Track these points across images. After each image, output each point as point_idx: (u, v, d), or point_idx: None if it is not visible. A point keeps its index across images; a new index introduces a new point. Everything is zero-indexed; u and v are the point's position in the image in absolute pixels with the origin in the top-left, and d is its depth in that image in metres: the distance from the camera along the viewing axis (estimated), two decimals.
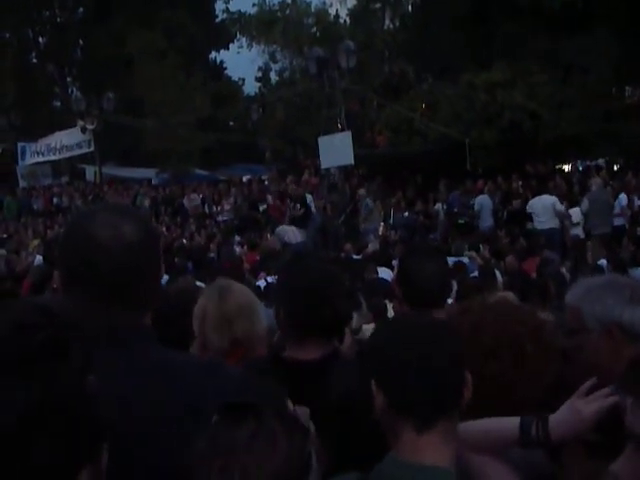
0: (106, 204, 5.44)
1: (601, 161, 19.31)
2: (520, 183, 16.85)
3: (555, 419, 1.66)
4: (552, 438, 1.66)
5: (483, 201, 15.82)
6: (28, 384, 1.03)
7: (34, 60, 38.05)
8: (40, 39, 38.33)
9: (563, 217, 13.78)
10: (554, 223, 13.63)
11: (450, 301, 5.79)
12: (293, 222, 17.52)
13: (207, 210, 22.74)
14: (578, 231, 13.35)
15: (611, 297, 2.05)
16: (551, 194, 14.57)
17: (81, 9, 37.92)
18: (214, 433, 1.22)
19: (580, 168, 19.47)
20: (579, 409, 1.62)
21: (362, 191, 17.49)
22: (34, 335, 1.06)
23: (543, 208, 13.76)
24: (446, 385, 1.60)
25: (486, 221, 15.60)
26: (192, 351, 2.53)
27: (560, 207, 13.78)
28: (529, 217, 14.33)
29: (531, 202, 14.26)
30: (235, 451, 1.20)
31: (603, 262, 9.07)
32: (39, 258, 15.14)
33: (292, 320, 2.34)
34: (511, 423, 1.72)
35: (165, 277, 9.06)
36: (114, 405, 1.43)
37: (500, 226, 15.14)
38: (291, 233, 14.75)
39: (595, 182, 14.35)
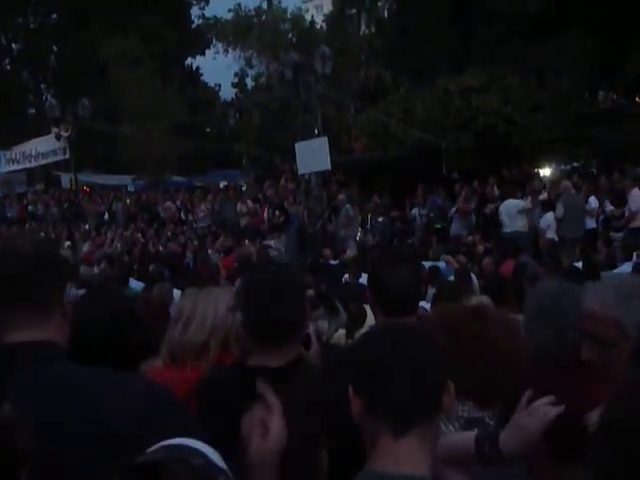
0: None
1: (576, 164, 19.51)
2: (495, 187, 16.96)
3: (504, 436, 1.66)
4: (504, 454, 1.66)
5: None
6: None
7: (7, 67, 37.66)
8: (13, 45, 37.94)
9: (528, 217, 14.00)
10: (519, 226, 13.84)
11: (427, 305, 5.81)
12: (273, 229, 17.52)
13: (183, 217, 22.63)
14: (552, 234, 13.46)
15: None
16: (526, 198, 14.72)
17: (55, 15, 37.59)
18: None
19: (555, 172, 19.63)
20: (523, 425, 1.61)
21: (342, 197, 17.45)
22: None
23: (507, 212, 14.03)
24: (424, 387, 1.59)
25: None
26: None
27: (524, 207, 13.99)
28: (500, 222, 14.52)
29: (500, 207, 14.51)
30: None
31: (578, 265, 9.13)
32: None
33: (245, 325, 2.34)
34: (470, 440, 1.72)
35: (141, 284, 9.01)
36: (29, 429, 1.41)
37: (476, 230, 15.21)
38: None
39: (564, 186, 14.43)
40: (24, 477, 1.12)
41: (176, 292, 6.81)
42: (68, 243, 19.19)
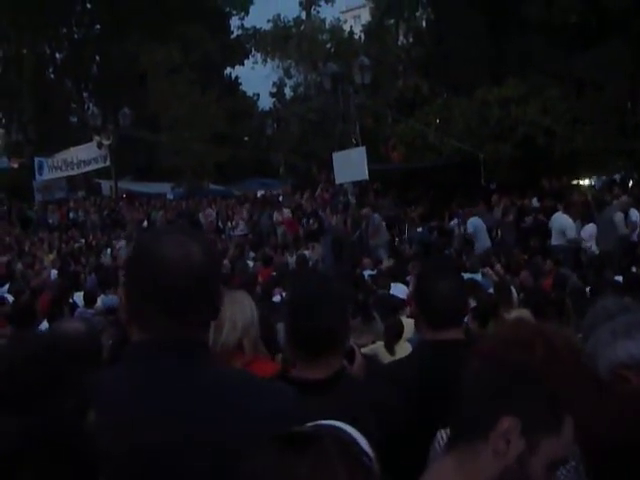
0: (171, 227, 5.56)
1: (616, 177, 19.21)
2: (536, 199, 16.77)
3: None
4: None
5: (476, 222, 15.26)
6: (22, 418, 1.01)
7: (51, 76, 38.45)
8: (57, 55, 38.76)
9: (576, 241, 13.64)
10: (564, 241, 13.54)
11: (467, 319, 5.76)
12: (308, 237, 17.51)
13: (221, 225, 22.75)
14: (593, 247, 13.26)
15: (600, 344, 2.01)
16: (568, 210, 14.39)
17: (97, 25, 38.32)
18: (273, 461, 1.14)
19: (594, 184, 19.38)
20: None
21: (366, 210, 17.11)
22: (35, 371, 1.05)
23: (561, 225, 13.69)
24: (465, 413, 1.52)
25: (483, 242, 15.14)
26: None
27: (573, 234, 13.65)
28: (546, 233, 14.22)
29: (552, 219, 14.13)
30: None
31: (619, 279, 8.95)
32: (54, 272, 15.23)
33: (288, 335, 2.34)
34: None
35: None
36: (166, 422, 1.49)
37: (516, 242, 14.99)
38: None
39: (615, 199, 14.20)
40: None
41: None
42: (109, 250, 19.45)
